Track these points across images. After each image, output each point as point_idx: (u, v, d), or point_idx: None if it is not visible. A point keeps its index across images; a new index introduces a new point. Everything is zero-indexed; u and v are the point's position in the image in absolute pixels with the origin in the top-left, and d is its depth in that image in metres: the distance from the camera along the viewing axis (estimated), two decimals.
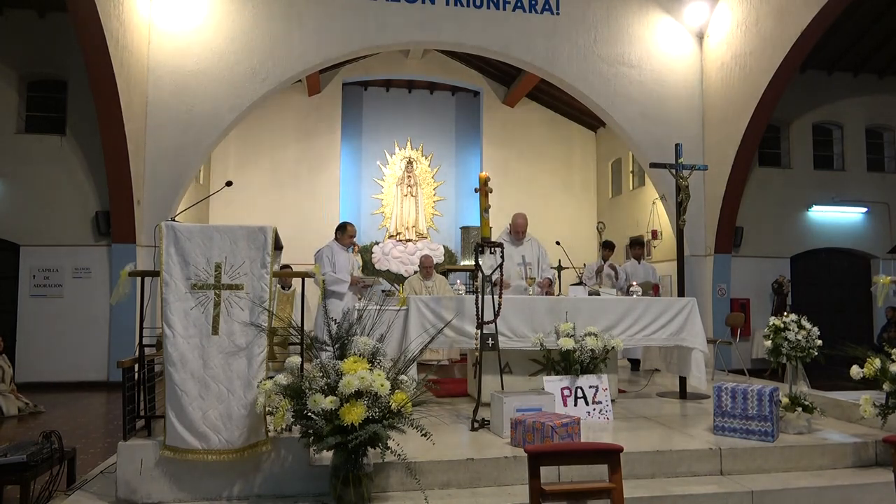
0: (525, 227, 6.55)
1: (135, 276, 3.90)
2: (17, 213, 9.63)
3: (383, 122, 15.27)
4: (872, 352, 4.50)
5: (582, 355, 5.03)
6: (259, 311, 3.64)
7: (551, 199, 15.04)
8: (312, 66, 10.26)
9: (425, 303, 5.33)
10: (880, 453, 4.23)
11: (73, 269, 9.67)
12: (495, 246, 4.93)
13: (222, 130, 9.91)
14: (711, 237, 10.97)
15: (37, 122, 10.05)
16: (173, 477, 3.56)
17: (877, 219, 12.08)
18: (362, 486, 3.34)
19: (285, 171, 14.09)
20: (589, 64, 10.71)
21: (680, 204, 6.34)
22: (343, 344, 3.52)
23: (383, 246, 14.57)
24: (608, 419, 4.91)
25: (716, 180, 10.75)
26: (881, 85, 12.33)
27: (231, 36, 9.80)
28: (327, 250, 7.15)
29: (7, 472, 3.66)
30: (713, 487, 3.77)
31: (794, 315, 5.01)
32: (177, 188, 9.70)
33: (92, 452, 5.37)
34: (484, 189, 4.89)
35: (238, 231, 3.74)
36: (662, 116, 10.92)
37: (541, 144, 15.38)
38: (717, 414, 4.44)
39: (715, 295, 10.93)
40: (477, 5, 10.36)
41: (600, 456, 2.82)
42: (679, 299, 5.95)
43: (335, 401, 3.21)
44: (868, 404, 4.37)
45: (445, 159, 15.48)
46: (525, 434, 3.97)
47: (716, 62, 10.86)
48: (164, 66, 9.65)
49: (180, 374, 3.54)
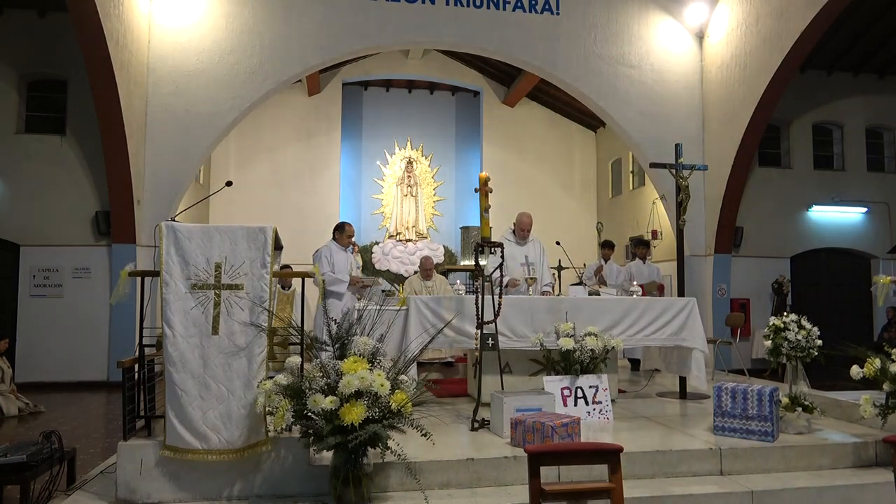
0: (530, 226, 6.49)
1: (135, 276, 3.90)
2: (17, 213, 9.63)
3: (383, 122, 15.28)
4: (872, 352, 4.49)
5: (582, 355, 5.02)
6: (259, 311, 3.64)
7: (551, 199, 15.05)
8: (312, 66, 10.27)
9: (425, 303, 5.32)
10: (880, 453, 4.23)
11: (73, 269, 9.67)
12: (495, 246, 4.93)
13: (222, 130, 9.91)
14: (711, 237, 10.97)
15: (37, 122, 10.05)
16: (173, 477, 3.56)
17: (877, 219, 12.09)
18: (362, 486, 3.34)
19: (285, 171, 14.10)
20: (589, 64, 10.72)
21: (680, 204, 6.34)
22: (343, 344, 3.52)
23: (383, 246, 14.57)
24: (608, 419, 4.91)
25: (716, 180, 10.75)
26: (881, 85, 12.33)
27: (231, 36, 9.80)
28: (326, 250, 7.14)
29: (7, 472, 3.66)
30: (713, 487, 3.77)
31: (794, 315, 5.01)
32: (177, 188, 9.70)
33: (92, 452, 5.37)
34: (484, 189, 4.89)
35: (238, 231, 3.74)
36: (662, 116, 10.92)
37: (541, 144, 15.40)
38: (717, 414, 4.44)
39: (715, 295, 10.93)
40: (477, 5, 10.36)
41: (600, 456, 2.81)
42: (679, 299, 5.95)
43: (335, 401, 3.21)
44: (868, 404, 4.37)
45: (445, 159, 15.49)
46: (525, 434, 3.97)
47: (716, 62, 10.85)
48: (164, 66, 9.65)
49: (180, 374, 3.54)
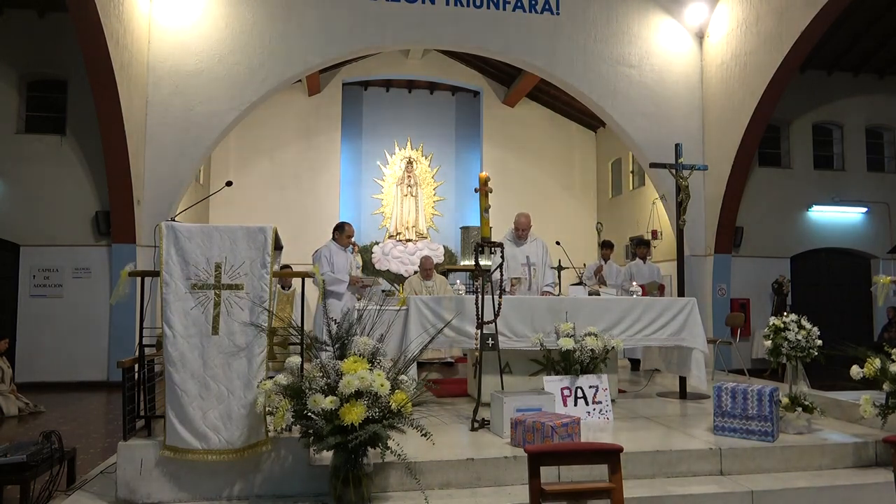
0: (527, 225, 6.51)
1: (135, 276, 3.90)
2: (17, 213, 9.63)
3: (383, 122, 15.28)
4: (872, 352, 4.49)
5: (582, 355, 5.02)
6: (259, 311, 3.64)
7: (551, 198, 15.05)
8: (312, 66, 10.27)
9: (425, 303, 5.32)
10: (880, 453, 4.23)
11: (73, 269, 9.67)
12: (495, 246, 4.93)
13: (222, 130, 9.91)
14: (711, 237, 10.97)
15: (37, 122, 10.05)
16: (173, 477, 3.56)
17: (877, 219, 12.08)
18: (362, 486, 3.34)
19: (285, 171, 14.10)
20: (589, 64, 10.71)
21: (680, 204, 6.34)
22: (343, 344, 3.52)
23: (383, 246, 14.57)
24: (608, 419, 4.91)
25: (716, 180, 10.75)
26: (881, 85, 12.33)
27: (231, 36, 9.80)
28: (325, 250, 7.13)
29: (7, 472, 3.66)
30: (713, 487, 3.77)
31: (794, 315, 5.01)
32: (177, 188, 9.70)
33: (92, 452, 5.37)
34: (484, 189, 4.89)
35: (238, 231, 3.74)
36: (662, 116, 10.92)
37: (541, 144, 15.39)
38: (717, 414, 4.44)
39: (715, 295, 10.93)
40: (477, 5, 10.36)
41: (600, 456, 2.81)
42: (679, 299, 5.95)
43: (335, 401, 3.21)
44: (868, 404, 4.37)
45: (445, 159, 15.49)
46: (525, 434, 3.97)
47: (716, 62, 10.85)
48: (164, 66, 9.65)
49: (180, 374, 3.54)
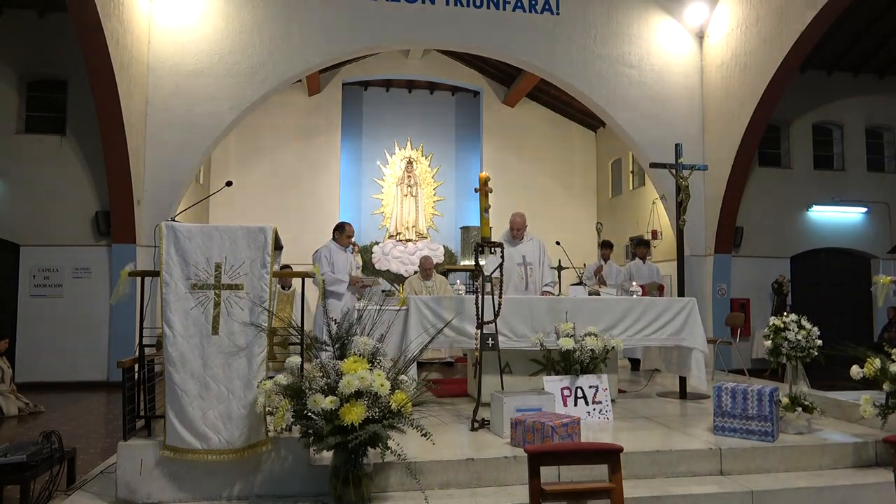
0: (521, 225, 6.51)
1: (135, 276, 3.90)
2: (17, 213, 9.63)
3: (383, 122, 15.28)
4: (872, 352, 4.49)
5: (582, 355, 5.02)
6: (259, 311, 3.64)
7: (551, 198, 15.05)
8: (312, 66, 10.27)
9: (425, 303, 5.32)
10: (880, 453, 4.23)
11: (73, 269, 9.67)
12: (495, 246, 4.93)
13: (222, 130, 9.91)
14: (711, 237, 10.97)
15: (37, 122, 10.05)
16: (173, 477, 3.56)
17: (877, 219, 12.08)
18: (362, 486, 3.34)
19: (285, 171, 14.11)
20: (589, 64, 10.71)
21: (680, 204, 6.34)
22: (343, 344, 3.52)
23: (383, 246, 14.57)
24: (608, 419, 4.91)
25: (716, 180, 10.75)
26: (881, 85, 12.33)
27: (231, 36, 9.80)
28: (325, 250, 7.13)
29: (7, 472, 3.66)
30: (713, 487, 3.77)
31: (794, 315, 5.01)
32: (177, 188, 9.70)
33: (92, 452, 5.37)
34: (484, 189, 4.89)
35: (238, 231, 3.74)
36: (662, 116, 10.92)
37: (541, 144, 15.39)
38: (717, 414, 4.44)
39: (715, 295, 10.93)
40: (477, 5, 10.36)
41: (600, 456, 2.82)
42: (679, 299, 5.95)
43: (335, 401, 3.21)
44: (868, 404, 4.37)
45: (445, 159, 15.49)
46: (525, 434, 3.96)
47: (716, 62, 10.85)
48: (163, 66, 9.65)
49: (180, 374, 3.54)
